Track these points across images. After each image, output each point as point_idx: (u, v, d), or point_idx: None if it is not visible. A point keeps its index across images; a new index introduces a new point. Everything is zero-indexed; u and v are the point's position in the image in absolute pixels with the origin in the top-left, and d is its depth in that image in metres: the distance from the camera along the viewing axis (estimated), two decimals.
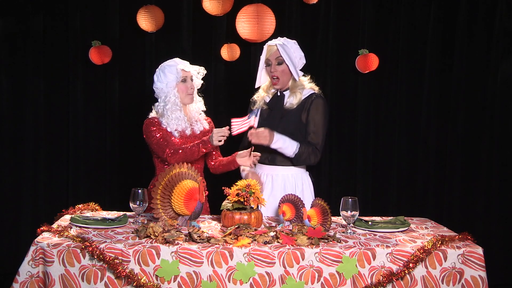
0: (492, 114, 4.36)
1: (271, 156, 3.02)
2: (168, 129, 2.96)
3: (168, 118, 2.96)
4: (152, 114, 3.06)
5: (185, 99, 2.99)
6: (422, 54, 4.36)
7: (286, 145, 2.90)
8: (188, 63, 3.03)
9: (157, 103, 3.02)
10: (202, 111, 3.12)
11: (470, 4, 4.30)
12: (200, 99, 3.12)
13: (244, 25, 3.81)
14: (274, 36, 3.69)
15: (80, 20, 4.26)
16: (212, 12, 3.84)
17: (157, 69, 3.03)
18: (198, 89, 3.09)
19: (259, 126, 2.92)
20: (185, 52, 4.29)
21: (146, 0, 4.09)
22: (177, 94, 2.97)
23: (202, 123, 3.08)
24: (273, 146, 2.89)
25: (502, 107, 4.37)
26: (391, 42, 4.37)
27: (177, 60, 3.02)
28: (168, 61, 3.02)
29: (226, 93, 4.38)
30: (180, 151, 2.86)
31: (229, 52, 4.15)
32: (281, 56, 2.96)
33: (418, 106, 4.40)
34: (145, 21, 4.03)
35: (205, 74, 3.07)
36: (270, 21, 3.81)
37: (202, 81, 3.10)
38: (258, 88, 3.15)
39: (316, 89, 3.06)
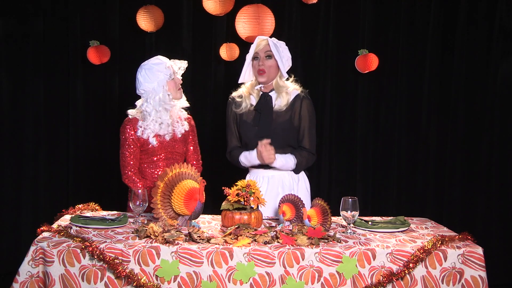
0: (492, 114, 4.36)
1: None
2: (144, 136, 2.88)
3: (153, 121, 2.87)
4: (133, 113, 2.95)
5: (176, 94, 2.94)
6: (422, 54, 4.36)
7: (286, 161, 2.91)
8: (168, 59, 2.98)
9: (144, 104, 2.88)
10: (184, 108, 3.05)
11: (470, 4, 4.29)
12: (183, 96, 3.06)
13: (244, 25, 3.81)
14: (273, 36, 3.69)
15: (80, 20, 4.27)
16: (213, 12, 3.84)
17: (140, 70, 2.90)
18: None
19: (251, 129, 2.95)
20: (185, 52, 4.29)
21: (146, 0, 4.09)
22: (168, 92, 2.89)
23: (183, 124, 3.00)
24: (274, 165, 2.91)
25: (502, 107, 4.36)
26: (391, 42, 4.37)
27: (160, 57, 2.94)
28: (151, 59, 2.93)
29: (226, 93, 4.36)
30: (132, 184, 2.90)
31: (228, 52, 4.15)
32: (271, 51, 2.90)
33: (418, 106, 4.40)
34: (145, 21, 4.03)
35: (206, 74, 3.05)
36: (270, 21, 3.82)
37: (181, 77, 3.03)
38: (239, 85, 3.10)
39: (299, 89, 3.00)
